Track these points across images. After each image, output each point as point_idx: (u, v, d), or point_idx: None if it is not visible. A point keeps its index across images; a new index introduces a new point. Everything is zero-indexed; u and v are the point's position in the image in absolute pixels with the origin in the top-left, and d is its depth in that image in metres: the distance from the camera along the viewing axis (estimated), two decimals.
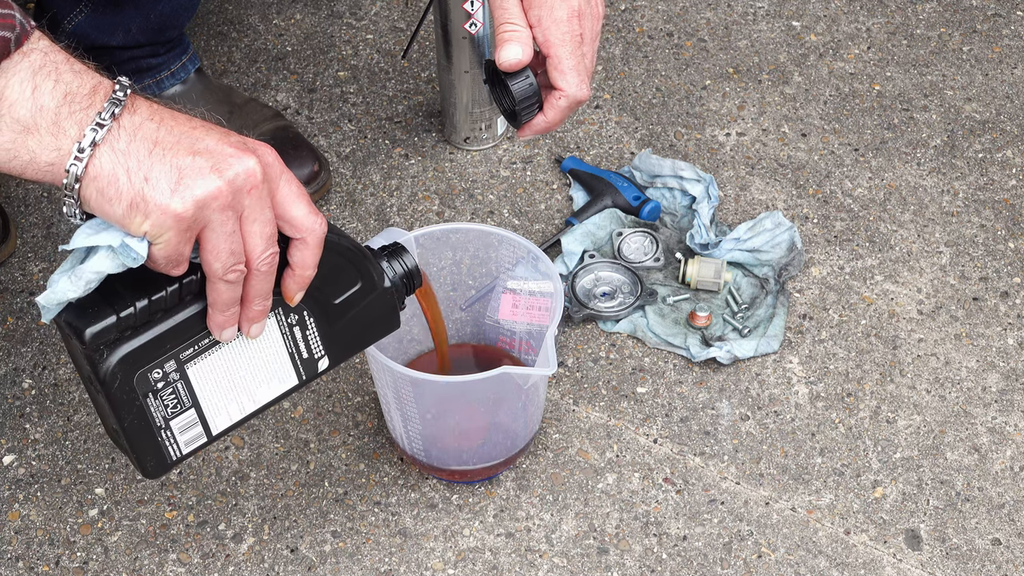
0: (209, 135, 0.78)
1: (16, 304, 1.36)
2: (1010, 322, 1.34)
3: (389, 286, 0.97)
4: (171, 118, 0.78)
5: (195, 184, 0.77)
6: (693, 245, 1.37)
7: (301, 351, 0.94)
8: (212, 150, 0.78)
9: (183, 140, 0.77)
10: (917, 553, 1.15)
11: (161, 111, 0.79)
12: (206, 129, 0.79)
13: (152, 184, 0.76)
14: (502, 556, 1.15)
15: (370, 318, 0.97)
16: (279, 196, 0.81)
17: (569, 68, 1.03)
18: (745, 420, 1.25)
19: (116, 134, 0.76)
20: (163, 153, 0.77)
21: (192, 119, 0.79)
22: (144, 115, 0.78)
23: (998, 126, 1.56)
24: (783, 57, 1.65)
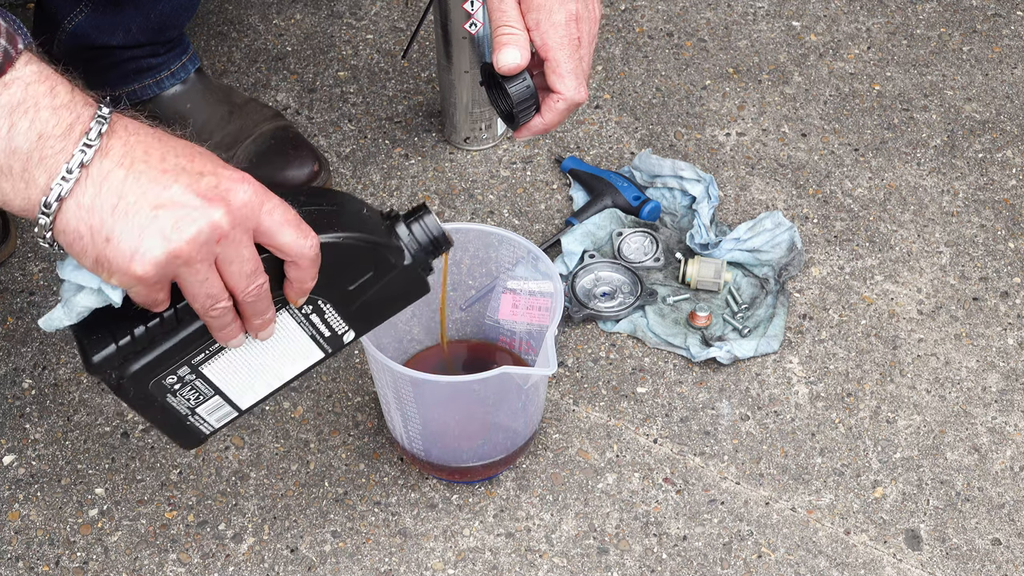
0: (178, 180, 0.77)
1: (16, 304, 1.36)
2: (1010, 322, 1.34)
3: (410, 262, 0.94)
4: (143, 158, 0.77)
5: (155, 247, 0.77)
6: (693, 245, 1.37)
7: (322, 331, 0.93)
8: (177, 202, 0.77)
9: (148, 192, 0.77)
10: (917, 553, 1.15)
11: (133, 149, 0.77)
12: (176, 173, 0.77)
13: (114, 245, 0.77)
14: (502, 556, 1.15)
15: (393, 293, 0.94)
16: (263, 228, 0.80)
17: (567, 72, 1.03)
18: (745, 420, 1.25)
19: (83, 186, 0.76)
20: (126, 211, 0.76)
21: (166, 155, 0.78)
22: (115, 158, 0.77)
23: (998, 126, 1.56)
24: (783, 57, 1.65)
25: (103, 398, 1.27)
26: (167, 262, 0.77)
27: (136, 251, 0.77)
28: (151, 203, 0.76)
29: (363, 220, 0.90)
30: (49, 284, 1.37)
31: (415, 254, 0.94)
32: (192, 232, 0.77)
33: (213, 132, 1.43)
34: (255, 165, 1.42)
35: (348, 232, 0.88)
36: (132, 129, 0.78)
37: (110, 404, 1.26)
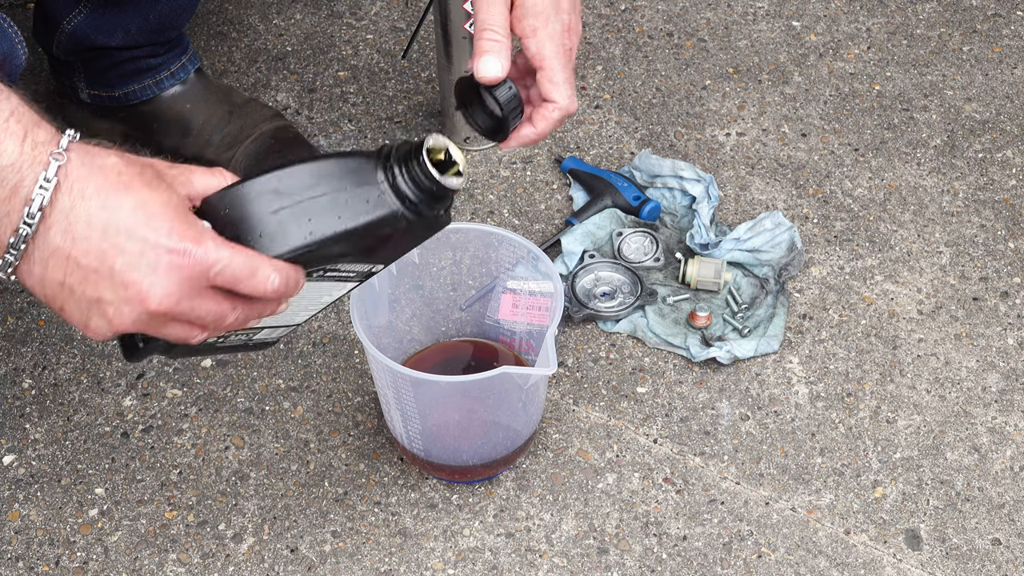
0: (114, 269, 0.77)
1: (16, 304, 1.36)
2: (1010, 322, 1.34)
3: (413, 218, 0.85)
4: (85, 224, 0.77)
5: (100, 329, 0.80)
6: (693, 245, 1.37)
7: (347, 275, 0.90)
8: (116, 294, 0.78)
9: (88, 283, 0.78)
10: (917, 553, 1.15)
11: (76, 215, 0.77)
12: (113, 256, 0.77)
13: (69, 317, 0.81)
14: (502, 556, 1.15)
15: (407, 239, 0.89)
16: (219, 283, 0.80)
17: (563, 80, 1.01)
18: (745, 420, 1.25)
19: (30, 259, 0.79)
20: (71, 292, 0.79)
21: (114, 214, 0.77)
22: (59, 231, 0.77)
23: (998, 126, 1.56)
24: (783, 57, 1.65)
25: (103, 398, 1.27)
26: (119, 334, 0.81)
27: (87, 327, 0.81)
28: (92, 293, 0.79)
29: (355, 200, 0.83)
30: None
31: (416, 210, 0.85)
32: (131, 317, 0.79)
33: (213, 132, 1.44)
34: (255, 165, 1.42)
35: (325, 229, 0.82)
36: (78, 186, 0.77)
37: (110, 404, 1.27)
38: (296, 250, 0.81)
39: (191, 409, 1.26)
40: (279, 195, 0.82)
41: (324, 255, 0.84)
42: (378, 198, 0.83)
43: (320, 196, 0.82)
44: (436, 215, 0.87)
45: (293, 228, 0.81)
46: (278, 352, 1.31)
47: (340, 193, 0.82)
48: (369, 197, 0.83)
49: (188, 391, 1.28)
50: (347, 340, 1.32)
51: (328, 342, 1.32)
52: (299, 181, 0.82)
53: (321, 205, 0.82)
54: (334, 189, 0.82)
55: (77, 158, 0.77)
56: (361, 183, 0.83)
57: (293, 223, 0.81)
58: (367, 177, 0.84)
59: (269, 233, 0.81)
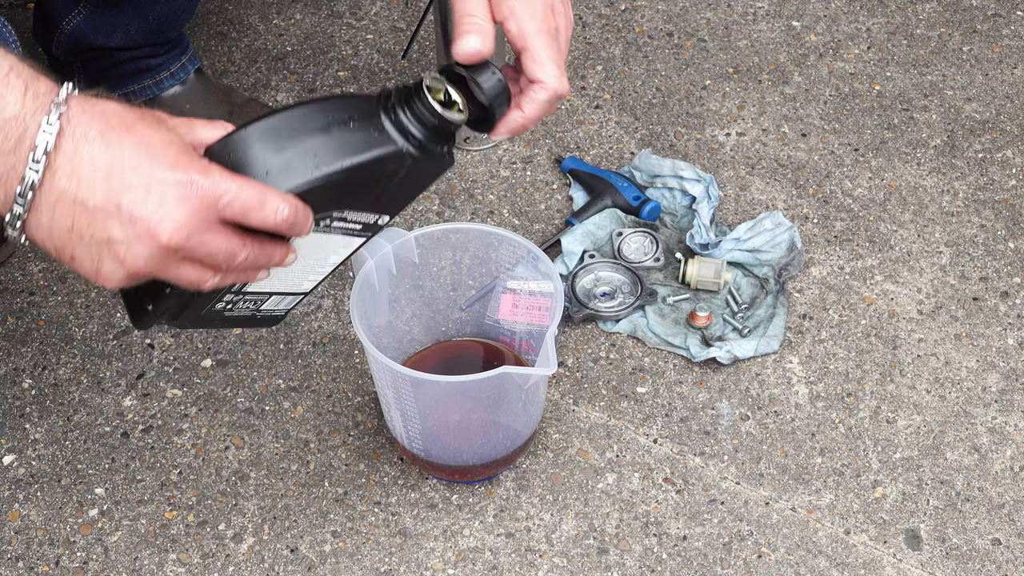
0: (121, 205, 0.77)
1: (16, 304, 1.36)
2: (1010, 322, 1.34)
3: (417, 155, 0.85)
4: (90, 166, 0.77)
5: (112, 274, 0.79)
6: (693, 245, 1.37)
7: (353, 227, 0.89)
8: (125, 230, 0.77)
9: (95, 222, 0.77)
10: (917, 553, 1.15)
11: (80, 158, 0.77)
12: (119, 194, 0.77)
13: (79, 266, 0.79)
14: (502, 556, 1.15)
15: (412, 181, 0.89)
16: (227, 216, 0.79)
17: (547, 59, 0.95)
18: (745, 420, 1.25)
19: (38, 208, 0.78)
20: (80, 237, 0.78)
21: (114, 157, 0.77)
22: (64, 174, 0.77)
23: (998, 126, 1.56)
24: (783, 57, 1.65)
25: (103, 398, 1.27)
26: (132, 278, 0.79)
27: (99, 273, 0.79)
28: (101, 232, 0.77)
29: (355, 137, 0.83)
30: (49, 284, 1.37)
31: (420, 146, 0.85)
32: (144, 255, 0.78)
33: None
34: None
35: (338, 159, 0.82)
36: (81, 131, 0.77)
37: (110, 404, 1.27)
38: (303, 185, 0.81)
39: (191, 409, 1.26)
40: (283, 136, 0.82)
41: (331, 195, 0.83)
42: (382, 135, 0.84)
43: (324, 135, 0.82)
44: (439, 153, 0.87)
45: (299, 164, 0.82)
46: (278, 352, 1.31)
47: (344, 132, 0.83)
48: (373, 135, 0.84)
49: (188, 391, 1.28)
50: (347, 340, 1.32)
51: (328, 342, 1.32)
52: (302, 123, 0.83)
53: (326, 143, 0.82)
54: (338, 128, 0.83)
55: (78, 105, 0.77)
56: (364, 122, 0.84)
57: (299, 160, 0.82)
58: (370, 117, 0.84)
59: (275, 171, 0.81)
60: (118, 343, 1.32)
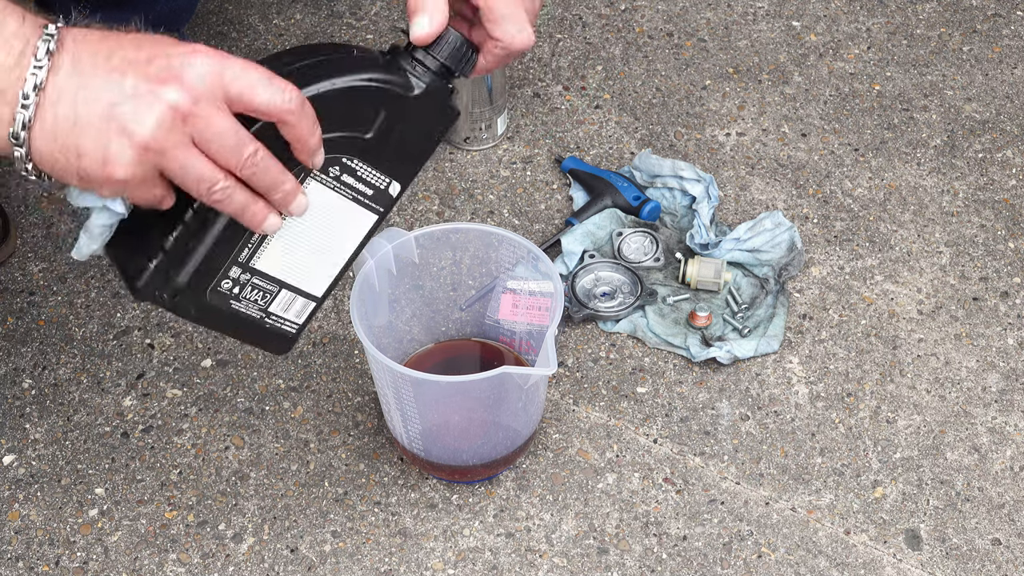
0: (126, 74, 0.76)
1: (16, 304, 1.36)
2: (1010, 322, 1.34)
3: (422, 89, 0.87)
4: (90, 62, 0.77)
5: (121, 148, 0.76)
6: (693, 245, 1.37)
7: (362, 191, 0.89)
8: (128, 95, 0.76)
9: (101, 96, 0.76)
10: (917, 553, 1.15)
11: (80, 58, 0.77)
12: (124, 67, 0.76)
13: (87, 159, 0.77)
14: (502, 556, 1.15)
15: (419, 128, 0.89)
16: (233, 95, 0.78)
17: (502, 16, 0.92)
18: (745, 420, 1.25)
19: (43, 109, 0.76)
20: (85, 126, 0.76)
21: (112, 53, 0.77)
22: (67, 71, 0.76)
23: (998, 126, 1.56)
24: (783, 57, 1.65)
25: (103, 398, 1.27)
26: (140, 158, 0.76)
27: (107, 158, 0.76)
28: (106, 105, 0.76)
29: (355, 61, 0.85)
30: (49, 284, 1.37)
31: (425, 80, 0.87)
32: (151, 121, 0.76)
33: None
34: None
35: (339, 76, 0.83)
36: (80, 37, 0.77)
37: (110, 404, 1.27)
38: (312, 91, 0.81)
39: (191, 409, 1.26)
40: (291, 57, 0.83)
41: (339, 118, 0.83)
42: (387, 65, 0.86)
43: (333, 60, 0.84)
44: (443, 98, 0.87)
45: (310, 77, 0.82)
46: None
47: (352, 59, 0.85)
48: (380, 64, 0.86)
49: (188, 391, 1.28)
50: (347, 340, 1.32)
51: (328, 342, 1.32)
52: (312, 51, 0.84)
53: (335, 65, 0.83)
54: (341, 52, 0.85)
55: (73, 26, 0.78)
56: (370, 55, 0.86)
57: (310, 74, 0.82)
58: (374, 55, 0.87)
59: None
60: (118, 343, 1.32)
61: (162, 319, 1.34)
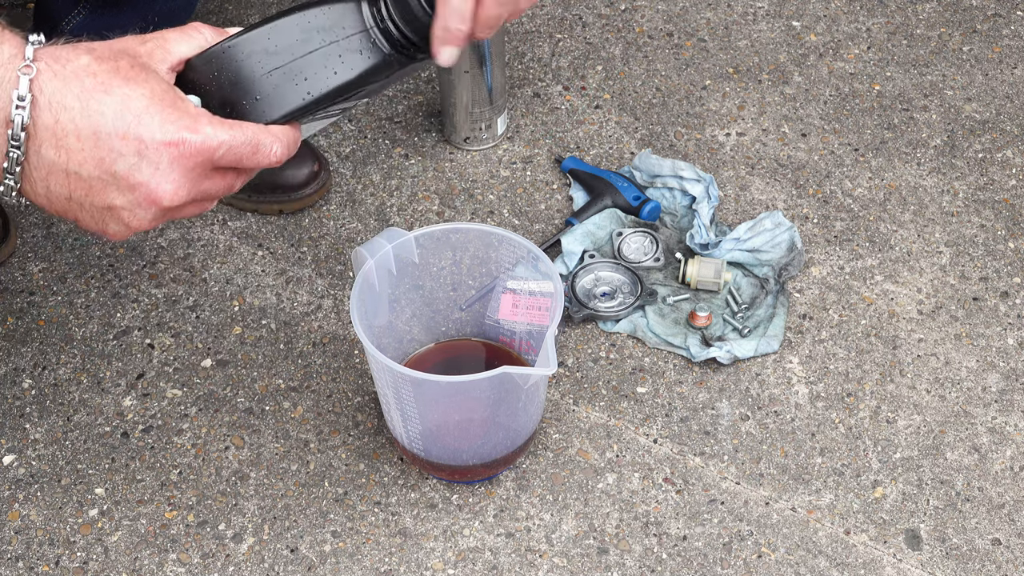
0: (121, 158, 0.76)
1: (16, 304, 1.36)
2: (1010, 322, 1.34)
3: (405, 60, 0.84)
4: (75, 136, 0.75)
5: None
6: (693, 245, 1.37)
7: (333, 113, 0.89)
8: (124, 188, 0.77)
9: (94, 185, 0.77)
10: (917, 553, 1.15)
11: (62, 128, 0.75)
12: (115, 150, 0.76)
13: (84, 224, 0.80)
14: (502, 556, 1.15)
15: (396, 78, 0.88)
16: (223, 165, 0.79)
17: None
18: (745, 420, 1.25)
19: (31, 180, 0.77)
20: (80, 205, 0.78)
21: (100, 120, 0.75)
22: (50, 147, 0.76)
23: (998, 126, 1.56)
24: (783, 57, 1.65)
25: (103, 398, 1.27)
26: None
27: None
28: (99, 203, 0.78)
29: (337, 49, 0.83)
30: (49, 284, 1.37)
31: (406, 51, 0.84)
32: (146, 221, 0.79)
33: None
34: None
35: (322, 86, 0.82)
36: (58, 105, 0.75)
37: (110, 404, 1.27)
38: (294, 112, 0.81)
39: (191, 409, 1.26)
40: (270, 54, 0.81)
41: (319, 107, 0.83)
42: (370, 46, 0.84)
43: (312, 52, 0.82)
44: (425, 56, 0.86)
45: (289, 89, 0.81)
46: (278, 352, 1.31)
47: (332, 46, 0.82)
48: (361, 47, 0.83)
49: (188, 391, 1.28)
50: (347, 340, 1.32)
51: (328, 342, 1.32)
52: (288, 37, 0.82)
53: (314, 62, 0.82)
54: (325, 42, 0.82)
55: (47, 68, 0.75)
56: (350, 31, 0.83)
57: (288, 84, 0.81)
58: (355, 23, 0.83)
59: (265, 96, 0.81)
60: (118, 343, 1.32)
61: (162, 319, 1.34)
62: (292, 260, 1.40)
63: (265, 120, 0.81)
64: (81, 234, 1.42)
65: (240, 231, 1.43)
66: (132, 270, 1.39)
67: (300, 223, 1.44)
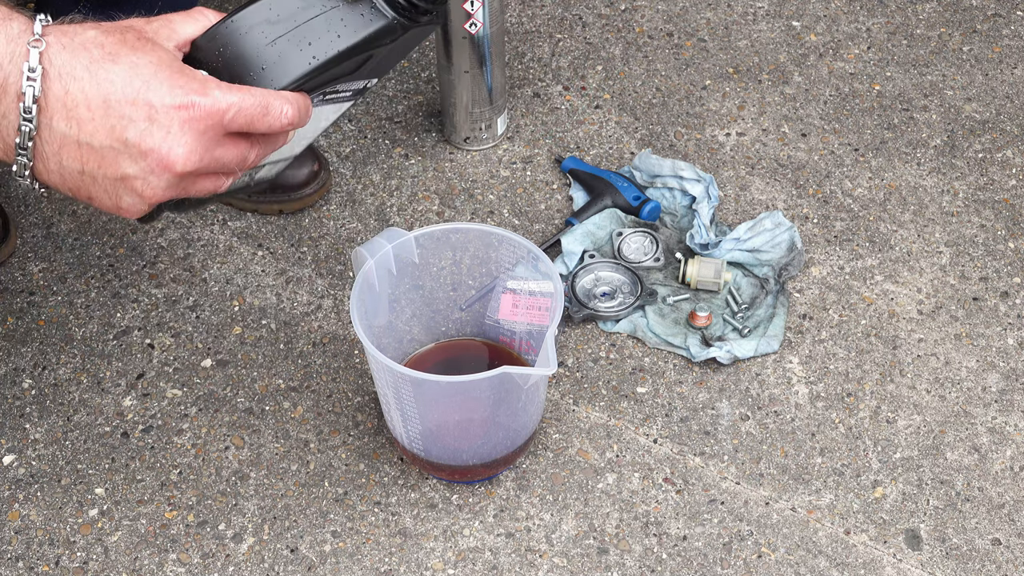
0: (132, 124, 0.76)
1: (16, 304, 1.36)
2: (1010, 322, 1.34)
3: (409, 24, 0.84)
4: (85, 106, 0.75)
5: (135, 206, 0.79)
6: (693, 245, 1.37)
7: (344, 96, 0.89)
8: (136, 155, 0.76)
9: (106, 154, 0.76)
10: (917, 553, 1.15)
11: (72, 99, 0.75)
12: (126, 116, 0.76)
13: (98, 201, 0.79)
14: (502, 556, 1.15)
15: (403, 45, 0.88)
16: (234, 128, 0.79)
17: None
18: (745, 420, 1.25)
19: (43, 156, 0.77)
20: (93, 178, 0.78)
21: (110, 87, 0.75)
22: (61, 119, 0.76)
23: (998, 126, 1.56)
24: (783, 57, 1.65)
25: (103, 398, 1.27)
26: (153, 205, 0.80)
27: (119, 207, 0.79)
28: (112, 173, 0.77)
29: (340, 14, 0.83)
30: (49, 284, 1.37)
31: (409, 15, 0.84)
32: (162, 184, 0.78)
33: None
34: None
35: (327, 51, 0.82)
36: (68, 75, 0.75)
37: (110, 404, 1.27)
38: (301, 78, 0.81)
39: (191, 409, 1.26)
40: (272, 24, 0.81)
41: (327, 77, 0.83)
42: (372, 10, 0.83)
43: (314, 18, 0.82)
44: (429, 19, 0.86)
45: (294, 56, 0.81)
46: (278, 352, 1.31)
47: (333, 11, 0.82)
48: (363, 10, 0.83)
49: (188, 391, 1.28)
50: (347, 340, 1.32)
51: (328, 342, 1.32)
52: (289, 5, 0.82)
53: (317, 27, 0.82)
54: (327, 7, 0.82)
55: (56, 41, 0.75)
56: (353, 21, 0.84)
57: (293, 51, 0.81)
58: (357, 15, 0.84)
59: (270, 65, 0.81)
60: (118, 343, 1.32)
61: (162, 319, 1.34)
62: (292, 260, 1.40)
63: (275, 89, 0.81)
64: (81, 234, 1.42)
65: (240, 231, 1.43)
66: (132, 270, 1.39)
67: (300, 223, 1.44)
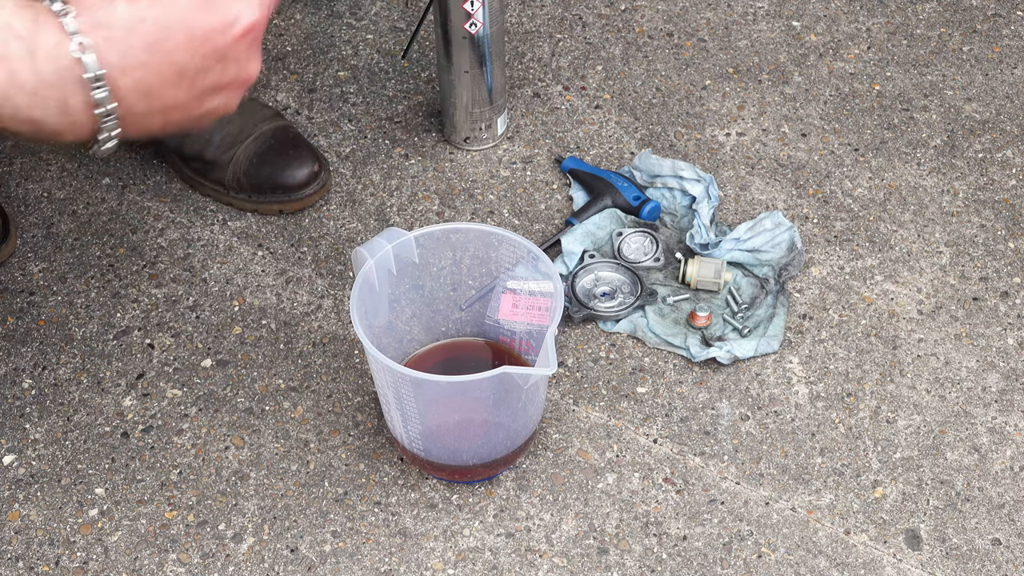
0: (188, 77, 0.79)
1: (16, 304, 1.36)
2: (1010, 322, 1.34)
3: None
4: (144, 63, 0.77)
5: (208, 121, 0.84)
6: (693, 245, 1.37)
7: None
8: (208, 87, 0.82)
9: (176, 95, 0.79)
10: (917, 553, 1.15)
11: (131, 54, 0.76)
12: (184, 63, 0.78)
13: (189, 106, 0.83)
14: (502, 556, 1.15)
15: None
16: None
17: None
18: (745, 420, 1.25)
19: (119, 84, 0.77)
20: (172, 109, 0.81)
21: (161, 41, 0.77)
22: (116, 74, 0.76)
23: (998, 126, 1.56)
24: (783, 57, 1.65)
25: (103, 398, 1.27)
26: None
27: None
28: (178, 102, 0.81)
29: None
30: (49, 284, 1.37)
31: None
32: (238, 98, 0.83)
33: (213, 132, 1.44)
34: (255, 165, 1.42)
35: None
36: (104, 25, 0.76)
37: (110, 404, 1.27)
38: None
39: (191, 409, 1.26)
40: None
41: None
42: None
43: None
44: None
45: None
46: (278, 352, 1.31)
47: None
48: None
49: (188, 391, 1.28)
50: (347, 340, 1.32)
51: (328, 342, 1.32)
52: None
53: None
54: None
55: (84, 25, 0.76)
56: None
57: None
58: None
59: None
60: (118, 343, 1.32)
61: (162, 319, 1.34)
62: (292, 260, 1.40)
63: None
64: (81, 234, 1.43)
65: (240, 231, 1.43)
66: (132, 270, 1.39)
67: (300, 223, 1.44)
